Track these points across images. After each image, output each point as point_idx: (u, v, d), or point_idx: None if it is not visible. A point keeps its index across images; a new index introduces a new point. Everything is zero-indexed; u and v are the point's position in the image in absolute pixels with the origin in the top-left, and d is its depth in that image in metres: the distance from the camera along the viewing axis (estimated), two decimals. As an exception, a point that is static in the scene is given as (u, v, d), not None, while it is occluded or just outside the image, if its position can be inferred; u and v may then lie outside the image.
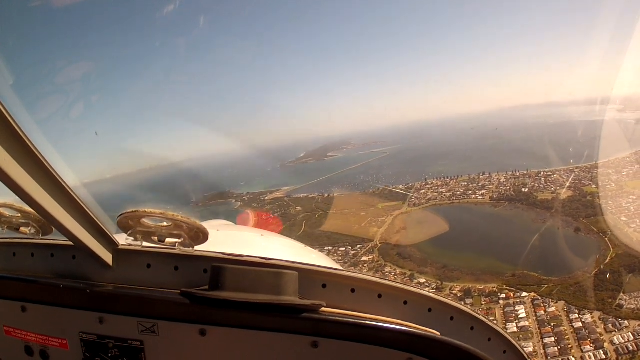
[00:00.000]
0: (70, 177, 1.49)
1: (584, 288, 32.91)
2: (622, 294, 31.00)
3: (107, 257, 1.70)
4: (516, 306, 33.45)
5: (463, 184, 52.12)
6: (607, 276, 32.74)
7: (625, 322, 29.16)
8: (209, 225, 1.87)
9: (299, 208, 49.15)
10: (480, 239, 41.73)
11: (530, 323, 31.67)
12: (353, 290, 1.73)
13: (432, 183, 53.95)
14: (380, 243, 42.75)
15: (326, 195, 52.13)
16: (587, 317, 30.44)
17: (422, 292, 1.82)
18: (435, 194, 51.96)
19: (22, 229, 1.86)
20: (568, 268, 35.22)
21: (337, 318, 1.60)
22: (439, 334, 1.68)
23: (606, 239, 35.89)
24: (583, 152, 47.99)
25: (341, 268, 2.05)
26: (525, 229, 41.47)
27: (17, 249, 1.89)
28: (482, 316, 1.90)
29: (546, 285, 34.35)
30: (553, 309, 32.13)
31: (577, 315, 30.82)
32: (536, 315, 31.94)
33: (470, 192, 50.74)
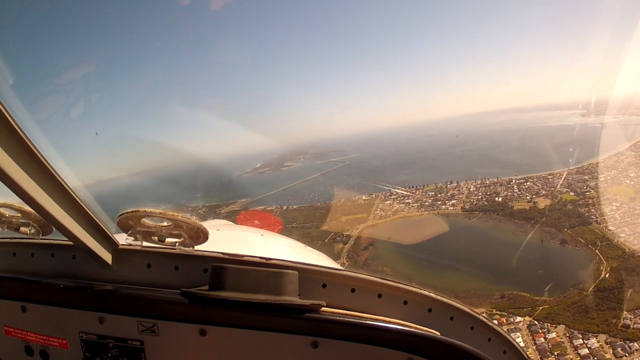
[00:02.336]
0: (70, 177, 1.50)
1: (584, 308, 30.84)
2: (625, 312, 29.03)
3: (107, 257, 1.72)
4: (511, 334, 29.92)
5: (430, 193, 50.29)
6: (606, 293, 30.75)
7: (635, 344, 27.14)
8: (209, 225, 1.89)
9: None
10: (459, 255, 38.51)
11: (530, 353, 28.30)
12: (353, 290, 1.76)
13: (396, 193, 51.12)
14: (347, 261, 38.30)
15: (284, 207, 48.27)
16: (593, 342, 28.28)
17: (422, 292, 1.82)
18: (402, 205, 49.30)
19: (22, 229, 1.88)
20: (561, 286, 33.07)
21: (337, 318, 1.62)
22: (439, 334, 1.70)
23: (597, 250, 34.20)
24: (553, 158, 47.80)
25: (341, 268, 2.04)
26: (506, 243, 39.27)
27: (17, 248, 1.92)
28: (482, 316, 1.90)
29: (541, 307, 31.99)
30: (553, 334, 29.78)
31: (581, 341, 28.60)
32: (536, 344, 29.59)
33: (440, 202, 48.82)
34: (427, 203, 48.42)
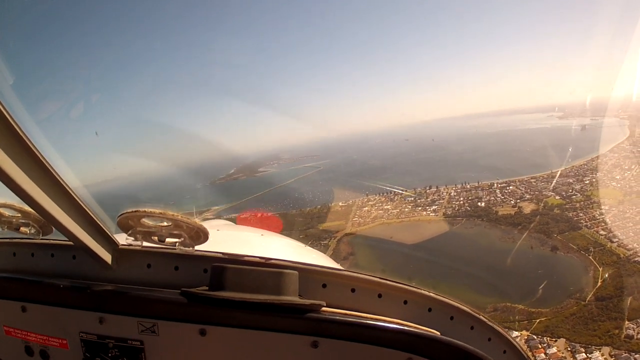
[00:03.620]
0: (70, 177, 1.52)
1: (583, 319, 29.50)
2: (627, 322, 27.80)
3: (107, 257, 1.74)
4: (509, 350, 28.02)
5: (409, 199, 48.14)
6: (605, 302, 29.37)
7: (641, 356, 25.86)
8: (209, 225, 1.90)
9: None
10: (445, 264, 36.32)
11: (531, 371, 26.23)
12: (353, 290, 1.77)
13: (374, 199, 49.30)
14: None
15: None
16: (597, 355, 26.89)
17: (422, 291, 1.84)
18: (380, 211, 47.83)
19: (22, 229, 1.90)
20: (557, 296, 31.64)
21: (337, 318, 1.64)
22: (439, 333, 1.72)
23: (590, 257, 33.00)
24: (534, 160, 47.26)
25: (341, 268, 2.06)
26: (493, 250, 37.66)
27: (17, 248, 1.93)
28: (482, 316, 1.92)
29: (537, 320, 30.33)
30: (554, 349, 28.34)
31: (584, 355, 27.13)
32: (536, 360, 27.09)
33: (420, 208, 47.15)
34: (406, 209, 46.73)
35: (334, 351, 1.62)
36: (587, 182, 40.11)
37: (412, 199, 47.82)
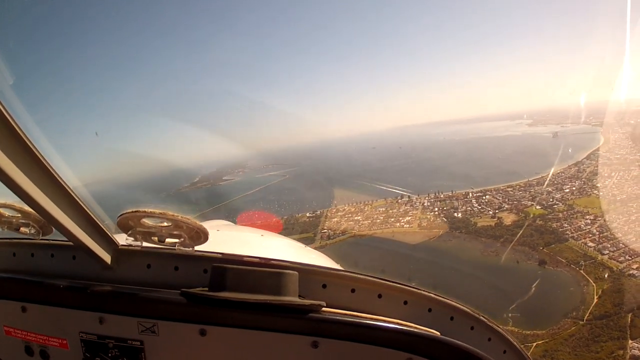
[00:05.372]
0: (70, 177, 1.52)
1: (584, 340, 27.03)
2: (630, 341, 25.58)
3: (107, 257, 1.75)
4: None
5: (380, 209, 45.25)
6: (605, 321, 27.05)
7: (651, 379, 23.65)
8: (209, 225, 1.91)
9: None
10: (426, 281, 32.63)
11: (535, 404, 23.12)
12: (353, 290, 1.78)
13: (343, 210, 45.94)
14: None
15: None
16: None
17: (422, 292, 1.85)
18: (351, 222, 44.44)
19: (22, 229, 1.91)
20: (552, 315, 29.05)
21: (337, 318, 1.65)
22: (439, 334, 1.73)
23: (581, 271, 30.89)
24: (508, 168, 45.77)
25: (341, 268, 2.08)
26: (476, 266, 34.93)
27: (17, 249, 1.94)
28: (482, 316, 1.92)
29: (534, 343, 27.42)
30: None
31: None
32: (540, 391, 24.08)
33: (393, 219, 43.97)
34: (378, 220, 43.62)
35: (334, 351, 1.62)
36: (567, 190, 38.70)
37: (384, 209, 44.90)
